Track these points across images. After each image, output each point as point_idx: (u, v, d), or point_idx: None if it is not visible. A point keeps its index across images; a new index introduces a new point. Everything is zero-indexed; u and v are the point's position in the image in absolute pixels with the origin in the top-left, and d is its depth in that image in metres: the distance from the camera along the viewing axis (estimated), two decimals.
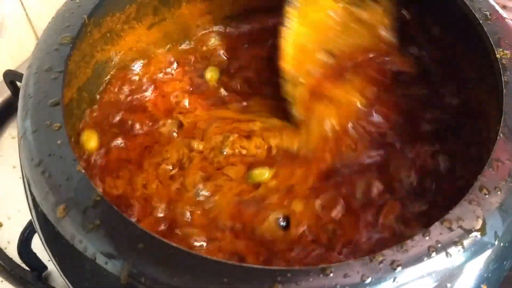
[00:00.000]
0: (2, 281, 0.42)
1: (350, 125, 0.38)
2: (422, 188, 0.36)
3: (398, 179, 0.36)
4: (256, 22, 0.47)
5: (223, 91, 0.43)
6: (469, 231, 0.25)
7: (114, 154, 0.38)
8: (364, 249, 0.32)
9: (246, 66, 0.44)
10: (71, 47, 0.34)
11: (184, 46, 0.46)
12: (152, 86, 0.42)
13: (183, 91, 0.42)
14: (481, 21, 0.34)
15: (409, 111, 0.40)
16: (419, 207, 0.35)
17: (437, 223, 0.25)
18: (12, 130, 0.54)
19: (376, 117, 0.39)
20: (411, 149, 0.38)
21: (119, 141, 0.39)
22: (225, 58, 0.45)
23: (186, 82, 0.43)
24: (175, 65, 0.44)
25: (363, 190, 0.35)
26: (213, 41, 0.46)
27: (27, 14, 0.59)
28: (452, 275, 0.25)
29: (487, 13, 0.35)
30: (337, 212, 0.34)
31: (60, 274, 0.28)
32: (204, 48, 0.45)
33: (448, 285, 0.25)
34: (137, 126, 0.39)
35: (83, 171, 0.27)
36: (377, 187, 0.35)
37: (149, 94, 0.42)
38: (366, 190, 0.35)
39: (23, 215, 0.45)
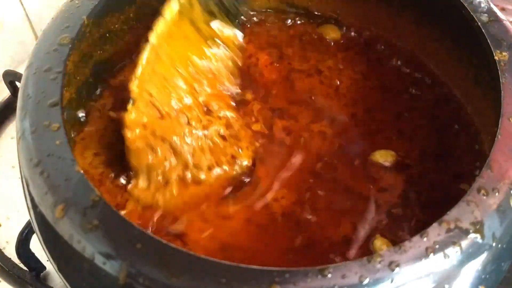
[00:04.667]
0: (0, 281, 0.42)
1: None
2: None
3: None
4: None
5: None
6: (467, 232, 0.25)
7: None
8: None
9: None
10: (70, 48, 0.34)
11: None
12: None
13: None
14: (479, 23, 0.35)
15: (405, 113, 0.40)
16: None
17: (435, 224, 0.25)
18: (11, 130, 0.54)
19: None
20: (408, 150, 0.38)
21: None
22: None
23: None
24: None
25: None
26: None
27: (27, 15, 0.60)
28: (450, 276, 0.25)
29: (486, 15, 0.35)
30: None
31: (58, 275, 0.28)
32: None
33: (446, 286, 0.25)
34: None
35: (82, 171, 0.27)
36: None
37: None
38: None
39: (21, 215, 0.45)
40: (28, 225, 0.39)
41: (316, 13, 0.47)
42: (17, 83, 0.49)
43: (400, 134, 0.39)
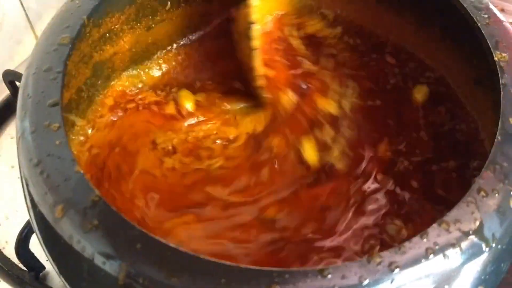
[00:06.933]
0: None
1: None
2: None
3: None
4: None
5: None
6: (466, 233, 0.25)
7: None
8: None
9: None
10: (70, 48, 0.34)
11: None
12: None
13: None
14: (479, 24, 0.35)
15: (404, 115, 0.40)
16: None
17: (435, 225, 0.25)
18: (11, 130, 0.54)
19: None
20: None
21: None
22: None
23: None
24: None
25: None
26: None
27: (26, 15, 0.59)
28: (450, 277, 0.25)
29: (485, 16, 0.35)
30: None
31: (58, 275, 0.28)
32: None
33: (446, 287, 0.25)
34: None
35: (82, 171, 0.27)
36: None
37: None
38: None
39: (21, 215, 0.45)
40: (28, 225, 0.39)
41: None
42: (17, 83, 0.49)
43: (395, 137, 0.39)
